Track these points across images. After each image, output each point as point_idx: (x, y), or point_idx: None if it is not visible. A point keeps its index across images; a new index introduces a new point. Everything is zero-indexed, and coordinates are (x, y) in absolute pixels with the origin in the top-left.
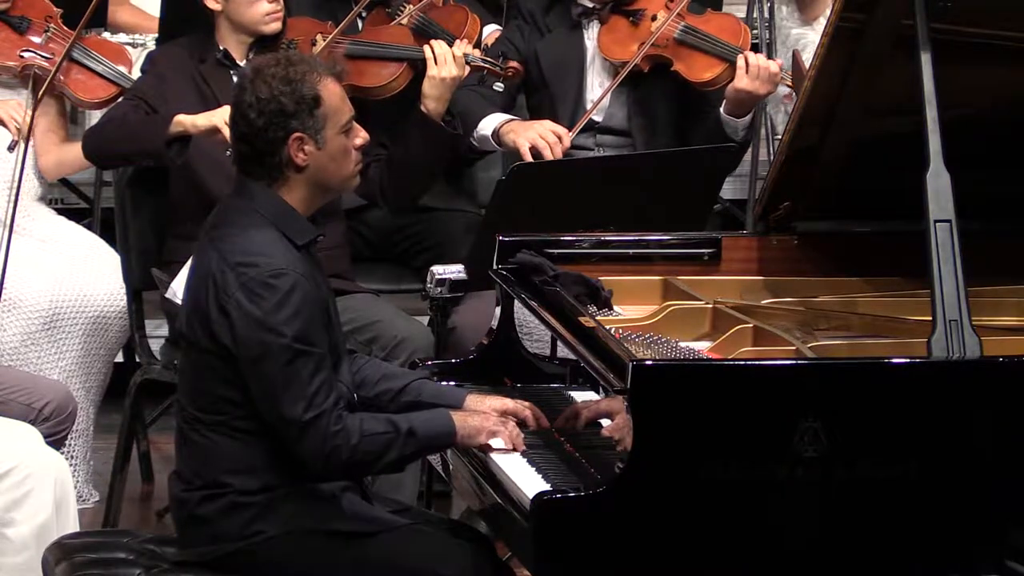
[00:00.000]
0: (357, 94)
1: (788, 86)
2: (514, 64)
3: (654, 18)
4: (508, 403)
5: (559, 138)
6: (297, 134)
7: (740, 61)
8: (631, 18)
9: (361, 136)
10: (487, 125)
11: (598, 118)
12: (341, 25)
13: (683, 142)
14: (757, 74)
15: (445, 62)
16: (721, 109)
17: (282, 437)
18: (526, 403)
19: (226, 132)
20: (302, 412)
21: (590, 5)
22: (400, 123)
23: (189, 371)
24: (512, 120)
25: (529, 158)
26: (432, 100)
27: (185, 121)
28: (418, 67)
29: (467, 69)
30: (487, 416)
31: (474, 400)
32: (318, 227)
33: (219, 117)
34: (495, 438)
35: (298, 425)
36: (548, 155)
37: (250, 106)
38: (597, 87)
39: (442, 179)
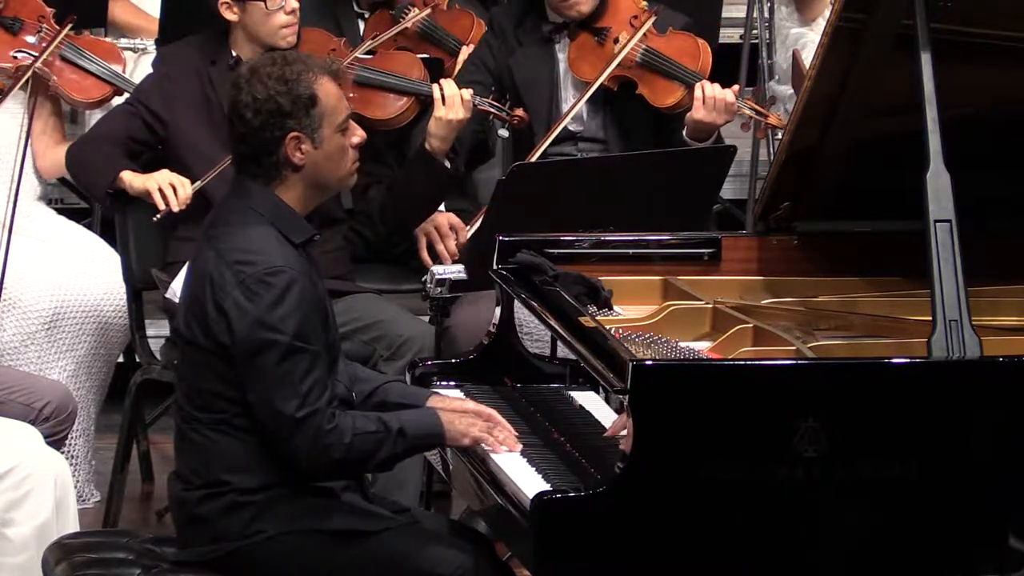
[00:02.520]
0: (362, 123)
1: (747, 114)
2: (520, 113)
3: (616, 39)
4: (470, 405)
5: (455, 231)
6: (294, 133)
7: (697, 91)
8: (597, 37)
9: (358, 134)
10: None
11: (578, 129)
12: (356, 49)
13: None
14: (713, 105)
15: (453, 104)
16: (683, 133)
17: (274, 435)
18: (488, 410)
19: (157, 199)
20: (295, 409)
21: (560, 21)
22: (403, 144)
23: (187, 370)
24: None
25: (424, 253)
26: (437, 139)
27: (125, 179)
28: (425, 101)
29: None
30: (474, 421)
31: (436, 402)
32: (316, 226)
33: (153, 182)
34: (482, 443)
35: (291, 422)
36: (440, 247)
37: (247, 106)
38: (571, 101)
39: None
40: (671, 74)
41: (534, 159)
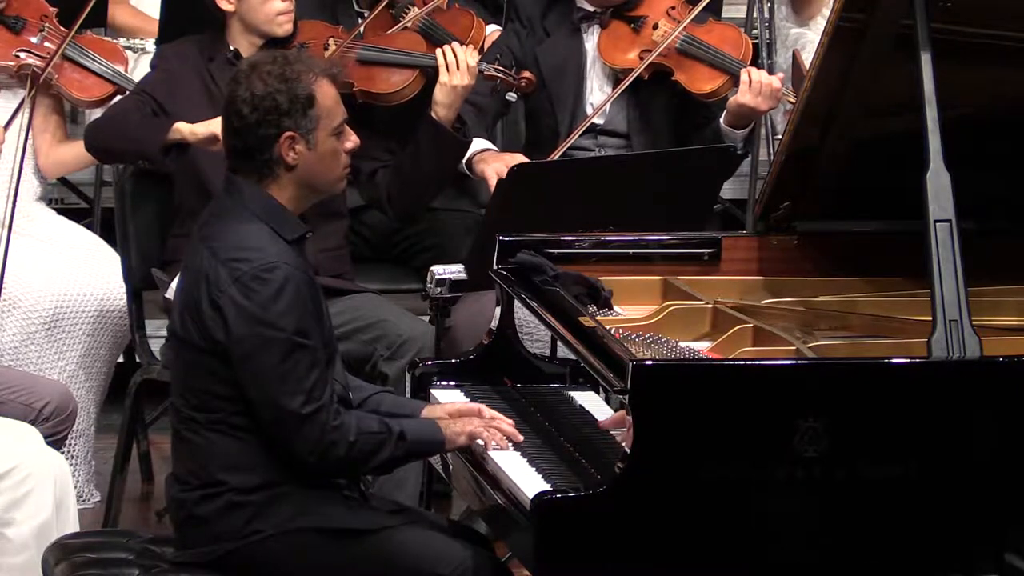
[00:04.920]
0: (368, 100)
1: (791, 102)
2: (527, 75)
3: (655, 26)
4: (461, 408)
5: None
6: (289, 133)
7: (744, 76)
8: (632, 24)
9: (352, 140)
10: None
11: (599, 121)
12: (354, 30)
13: (680, 147)
14: (760, 90)
15: (457, 70)
16: (721, 120)
17: (276, 432)
18: (480, 407)
19: None
20: (300, 405)
21: (591, 9)
22: (410, 129)
23: (182, 371)
24: (486, 150)
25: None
26: (443, 107)
27: (183, 129)
28: (429, 74)
29: (478, 76)
30: (469, 420)
31: (430, 411)
32: (310, 226)
33: (217, 125)
34: (479, 440)
35: (296, 418)
36: None
37: (244, 101)
38: (596, 90)
39: None
40: (713, 62)
41: (560, 153)
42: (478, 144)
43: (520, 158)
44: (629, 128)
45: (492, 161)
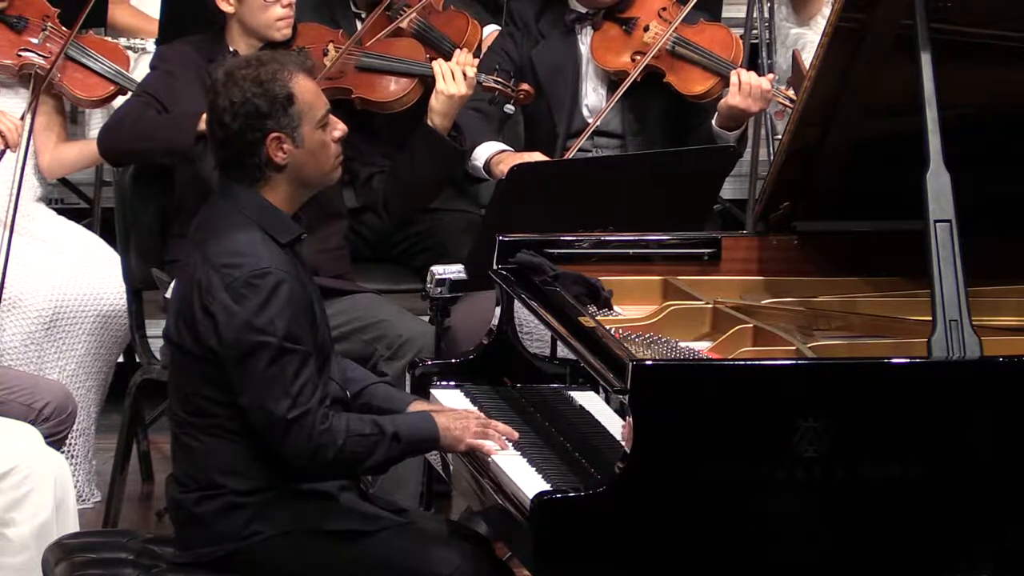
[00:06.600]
0: (367, 107)
1: (780, 103)
2: (525, 87)
3: (646, 28)
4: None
5: None
6: (274, 134)
7: (733, 78)
8: (624, 26)
9: (339, 128)
10: (480, 155)
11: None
12: (354, 37)
13: (676, 147)
14: (749, 92)
15: (454, 79)
16: (713, 122)
17: (267, 436)
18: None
19: None
20: (287, 410)
21: (583, 11)
22: (408, 136)
23: (178, 376)
24: (503, 151)
25: None
26: (439, 115)
27: None
28: (429, 83)
29: (476, 87)
30: (468, 426)
31: (419, 407)
32: (304, 225)
33: None
34: (480, 446)
35: (283, 423)
36: None
37: (224, 110)
38: (591, 92)
39: None
40: (704, 63)
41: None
42: (494, 146)
43: (538, 156)
44: (624, 129)
45: (511, 161)
